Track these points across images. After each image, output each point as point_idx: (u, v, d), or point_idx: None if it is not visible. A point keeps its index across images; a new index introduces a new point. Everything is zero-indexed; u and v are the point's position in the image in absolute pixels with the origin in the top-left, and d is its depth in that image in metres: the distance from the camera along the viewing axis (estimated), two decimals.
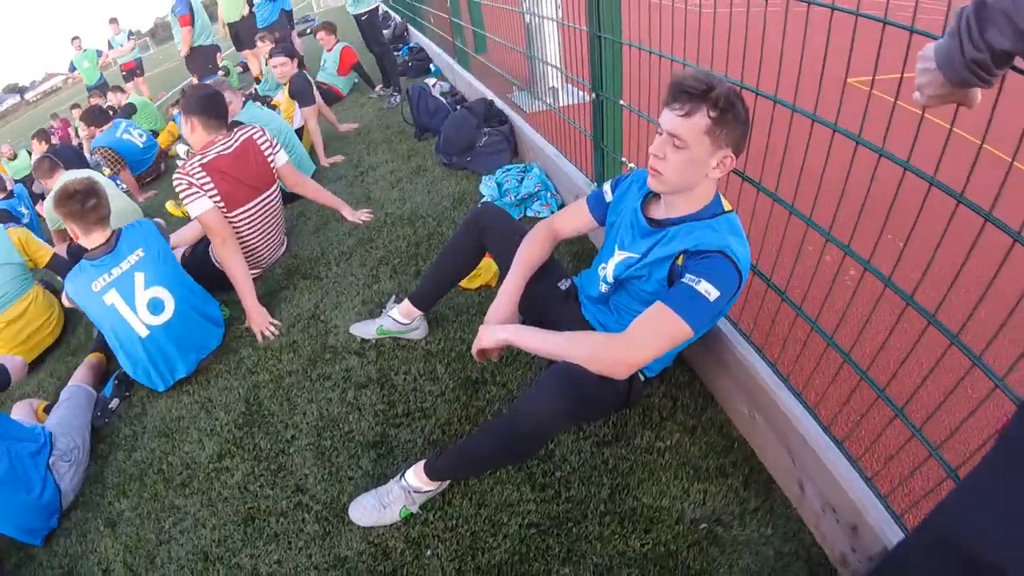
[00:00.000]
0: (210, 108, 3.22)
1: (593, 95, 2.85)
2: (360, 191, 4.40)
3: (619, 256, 1.86)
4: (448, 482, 1.98)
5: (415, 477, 1.91)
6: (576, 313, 2.09)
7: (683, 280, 1.56)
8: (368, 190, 4.38)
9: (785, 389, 1.72)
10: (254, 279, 3.32)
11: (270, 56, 5.83)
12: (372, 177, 4.61)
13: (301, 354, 2.84)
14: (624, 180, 1.99)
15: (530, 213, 3.55)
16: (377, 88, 7.14)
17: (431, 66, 7.54)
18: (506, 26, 4.85)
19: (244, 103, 4.39)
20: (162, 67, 28.43)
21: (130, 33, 13.05)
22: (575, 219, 2.14)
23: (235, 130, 3.30)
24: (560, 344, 1.71)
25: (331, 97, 7.20)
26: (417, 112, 5.10)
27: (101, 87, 11.65)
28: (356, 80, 7.66)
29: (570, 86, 3.78)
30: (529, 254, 2.08)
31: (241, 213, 3.23)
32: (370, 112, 6.42)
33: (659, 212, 1.80)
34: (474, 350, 1.93)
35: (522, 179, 3.65)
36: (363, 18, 6.80)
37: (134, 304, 2.72)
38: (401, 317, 2.66)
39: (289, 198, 4.17)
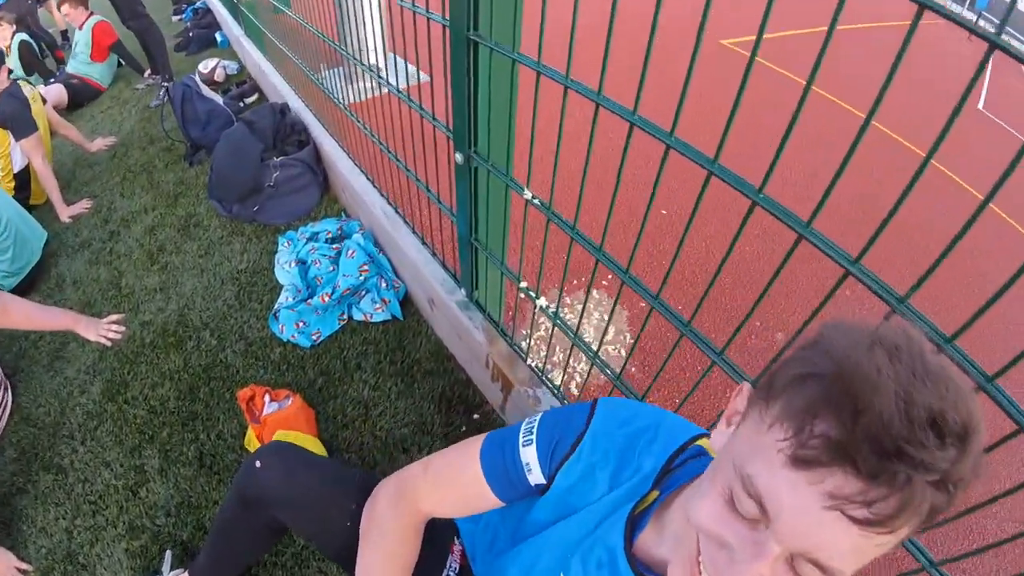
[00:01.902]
0: None
1: (458, 156, 1.58)
2: (107, 275, 2.91)
3: None
4: None
5: None
6: None
7: None
8: (117, 272, 2.90)
9: None
10: None
11: None
12: (125, 243, 3.10)
13: None
14: (572, 451, 0.95)
15: (358, 316, 2.29)
16: (146, 74, 5.37)
17: (218, 35, 5.79)
18: None
19: None
20: None
21: None
22: (464, 500, 1.06)
23: None
24: None
25: (88, 93, 5.33)
26: (183, 122, 3.56)
27: None
28: (121, 64, 5.78)
29: (400, 59, 2.44)
30: (389, 567, 1.03)
31: None
32: (133, 115, 4.71)
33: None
34: None
35: (338, 255, 2.32)
36: None
37: None
38: None
39: None
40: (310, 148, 2.93)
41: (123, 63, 5.69)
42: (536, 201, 1.35)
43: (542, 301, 1.49)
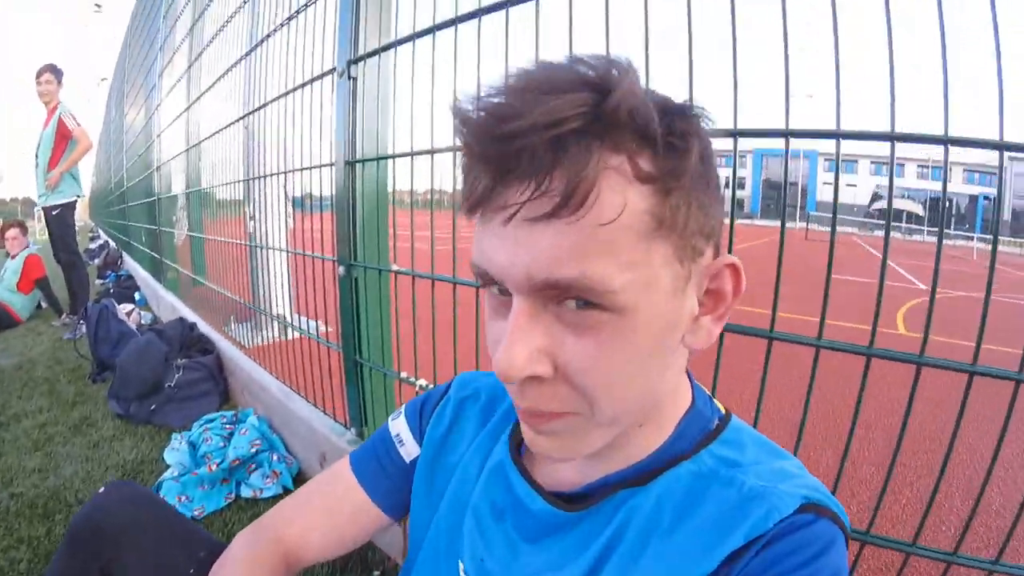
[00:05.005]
0: None
1: (341, 269, 1.96)
2: None
3: None
4: None
5: None
6: None
7: None
8: None
9: None
10: None
11: None
12: (11, 434, 3.20)
13: None
14: (440, 404, 0.88)
15: (246, 493, 2.37)
16: (62, 317, 5.70)
17: (136, 294, 6.33)
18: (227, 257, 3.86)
19: None
20: None
21: None
22: (332, 512, 0.89)
23: None
24: None
25: (5, 321, 5.57)
26: (94, 340, 3.84)
27: None
28: (41, 307, 6.11)
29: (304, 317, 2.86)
30: None
31: None
32: (44, 343, 4.96)
33: (572, 470, 0.69)
34: None
35: (231, 434, 2.56)
36: (54, 212, 5.44)
37: None
38: None
39: None
40: (214, 356, 3.29)
41: (43, 304, 6.02)
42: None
43: (420, 381, 1.78)
